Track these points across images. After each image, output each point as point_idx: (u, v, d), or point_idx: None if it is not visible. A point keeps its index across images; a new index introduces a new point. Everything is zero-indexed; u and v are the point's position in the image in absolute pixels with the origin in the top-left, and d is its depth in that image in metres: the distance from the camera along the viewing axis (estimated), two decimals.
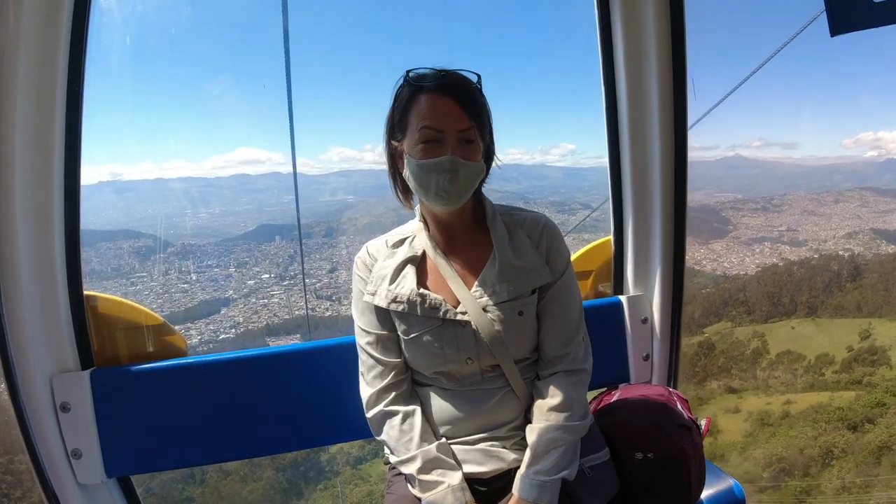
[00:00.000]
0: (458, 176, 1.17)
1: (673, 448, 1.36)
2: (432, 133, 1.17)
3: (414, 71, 1.21)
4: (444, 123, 1.16)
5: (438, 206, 1.24)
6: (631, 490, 1.35)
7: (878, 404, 15.69)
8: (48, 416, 1.49)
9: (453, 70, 1.21)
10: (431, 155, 1.17)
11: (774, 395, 18.82)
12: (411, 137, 1.20)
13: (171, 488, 12.44)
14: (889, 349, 19.87)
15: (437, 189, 1.18)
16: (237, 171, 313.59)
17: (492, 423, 1.27)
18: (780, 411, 17.56)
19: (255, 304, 21.23)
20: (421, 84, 1.19)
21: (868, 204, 33.13)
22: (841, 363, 19.99)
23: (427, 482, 1.21)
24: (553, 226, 1.33)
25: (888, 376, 18.45)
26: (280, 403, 1.63)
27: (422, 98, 1.18)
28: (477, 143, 1.20)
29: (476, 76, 1.23)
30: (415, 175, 1.20)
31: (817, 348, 20.98)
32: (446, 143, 1.17)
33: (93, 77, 1.51)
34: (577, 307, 1.33)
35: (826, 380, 19.45)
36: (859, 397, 16.85)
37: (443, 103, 1.17)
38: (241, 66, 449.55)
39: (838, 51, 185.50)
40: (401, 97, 1.22)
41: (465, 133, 1.18)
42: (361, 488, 13.34)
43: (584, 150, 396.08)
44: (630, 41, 1.80)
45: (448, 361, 1.25)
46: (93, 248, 19.81)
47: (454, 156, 1.16)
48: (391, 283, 1.27)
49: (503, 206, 1.37)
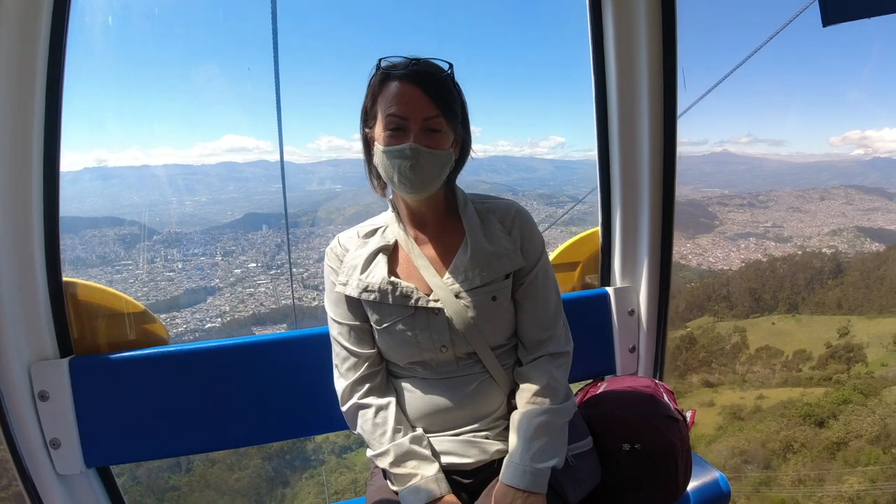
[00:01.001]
0: (420, 163, 1.17)
1: (661, 440, 1.37)
2: (397, 120, 1.17)
3: (386, 59, 1.21)
4: (408, 111, 1.16)
5: (405, 194, 1.23)
6: (618, 481, 1.36)
7: (845, 401, 16.20)
8: (26, 405, 1.46)
9: (425, 59, 1.20)
10: (395, 142, 1.17)
11: (749, 389, 19.29)
12: (379, 124, 1.20)
13: (156, 477, 12.44)
14: (867, 346, 20.34)
15: (401, 176, 1.18)
16: (224, 158, 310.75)
17: (473, 412, 1.26)
18: (752, 406, 18.05)
19: (241, 293, 21.17)
20: (390, 72, 1.19)
21: (853, 202, 33.65)
22: (818, 359, 20.46)
23: (401, 475, 1.20)
24: (525, 213, 1.33)
25: (863, 373, 18.91)
26: (264, 393, 1.61)
27: (391, 85, 1.18)
28: (445, 132, 1.20)
29: (448, 65, 1.22)
30: (381, 162, 1.20)
31: (796, 344, 21.45)
32: (409, 131, 1.17)
33: (75, 59, 1.47)
34: (555, 291, 1.33)
35: (800, 376, 19.98)
36: (828, 394, 17.33)
37: (409, 91, 1.16)
38: (228, 48, 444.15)
39: (828, 48, 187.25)
40: (372, 84, 1.22)
41: (431, 122, 1.17)
42: (346, 476, 13.49)
43: (573, 143, 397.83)
44: (621, 31, 1.79)
45: (422, 350, 1.24)
46: (77, 235, 19.61)
47: (416, 143, 1.16)
48: (362, 272, 1.27)
49: (475, 194, 1.36)
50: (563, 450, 1.22)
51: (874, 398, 16.23)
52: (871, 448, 14.29)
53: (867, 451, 14.24)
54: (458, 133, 1.24)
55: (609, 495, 1.36)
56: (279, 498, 13.76)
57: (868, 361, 19.81)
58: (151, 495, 12.26)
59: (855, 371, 19.41)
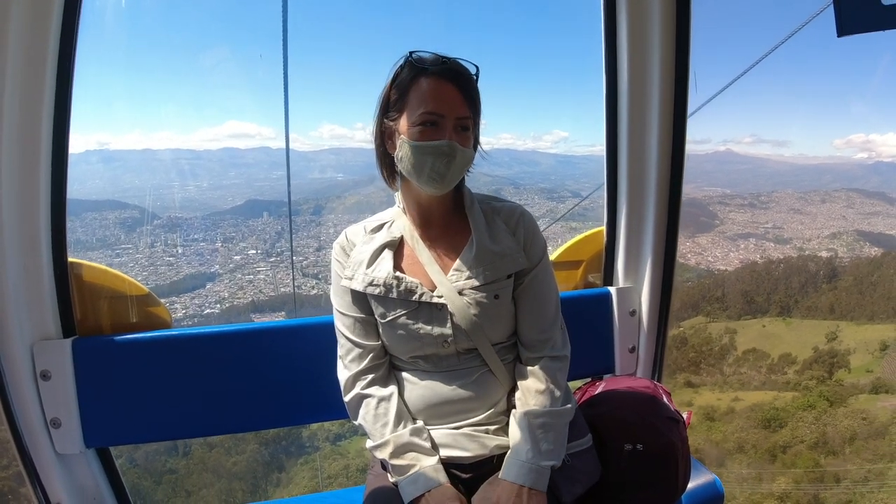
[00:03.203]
0: (454, 161, 1.18)
1: (662, 441, 1.37)
2: (433, 117, 1.17)
3: (416, 53, 1.21)
4: (445, 108, 1.17)
5: (430, 189, 1.23)
6: (618, 481, 1.36)
7: (808, 406, 16.88)
8: (28, 384, 1.46)
9: (453, 58, 1.21)
10: (429, 138, 1.17)
11: (728, 391, 19.75)
12: (409, 118, 1.19)
13: (154, 460, 12.55)
14: (853, 352, 20.61)
15: (432, 172, 1.18)
16: (226, 144, 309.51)
17: (473, 406, 1.27)
18: (726, 407, 18.46)
19: (240, 279, 21.18)
20: (424, 66, 1.19)
21: (854, 205, 33.59)
22: (802, 364, 20.74)
23: (400, 466, 1.21)
24: (529, 215, 1.34)
25: (843, 379, 19.28)
26: (263, 380, 1.62)
27: (423, 81, 1.18)
28: (471, 132, 1.22)
29: (475, 67, 1.23)
30: (408, 157, 1.19)
31: (785, 347, 21.65)
32: (445, 128, 1.17)
33: (83, 39, 1.46)
34: (554, 294, 1.34)
35: (777, 379, 20.40)
36: (795, 399, 17.93)
37: (445, 88, 1.17)
38: (237, 33, 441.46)
39: (836, 51, 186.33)
40: (401, 77, 1.22)
41: (463, 120, 1.19)
42: (339, 462, 13.67)
43: (576, 138, 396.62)
44: (634, 29, 1.78)
45: (424, 344, 1.25)
46: (78, 217, 19.59)
47: (452, 141, 1.17)
48: (368, 266, 1.28)
49: (481, 195, 1.38)
50: (562, 450, 1.23)
51: (840, 406, 16.96)
52: (809, 452, 15.34)
53: (805, 455, 15.24)
54: (475, 134, 1.25)
55: (608, 495, 1.36)
56: (275, 482, 13.97)
57: (851, 367, 20.14)
58: (149, 477, 12.38)
59: (837, 377, 19.80)
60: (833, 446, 15.50)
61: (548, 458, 1.18)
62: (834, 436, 15.71)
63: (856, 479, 14.52)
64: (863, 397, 17.55)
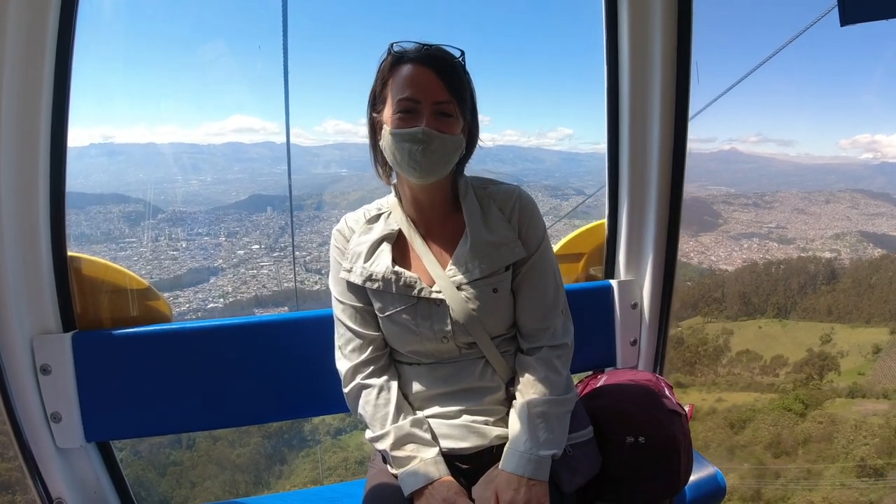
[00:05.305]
0: (431, 147, 1.16)
1: (665, 433, 1.37)
2: (408, 103, 1.16)
3: (398, 43, 1.20)
4: (420, 93, 1.16)
5: (412, 178, 1.22)
6: (620, 473, 1.36)
7: (784, 408, 17.19)
8: (28, 378, 1.47)
9: (437, 45, 1.20)
10: (406, 125, 1.16)
11: (714, 392, 19.90)
12: (389, 107, 1.19)
13: (158, 452, 12.67)
14: (846, 355, 20.65)
15: (410, 160, 1.17)
16: (231, 138, 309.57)
17: (472, 397, 1.27)
18: (707, 408, 18.56)
19: (244, 274, 21.18)
20: (402, 55, 1.19)
21: (858, 206, 33.38)
22: (793, 365, 20.82)
23: (400, 458, 1.21)
24: (527, 198, 1.31)
25: (837, 382, 19.41)
26: (263, 373, 1.62)
27: (402, 69, 1.18)
28: (456, 117, 1.19)
29: (460, 52, 1.22)
30: (390, 145, 1.19)
31: (779, 349, 21.65)
32: (422, 114, 1.16)
33: (84, 32, 1.46)
34: (554, 281, 1.32)
35: (761, 381, 20.52)
36: (772, 401, 18.12)
37: (422, 73, 1.16)
38: (239, 26, 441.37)
39: (842, 49, 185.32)
40: (382, 68, 1.22)
41: (442, 105, 1.17)
42: (338, 455, 13.84)
43: (581, 136, 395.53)
44: (636, 23, 1.77)
45: (424, 340, 1.25)
46: (82, 211, 19.62)
47: (428, 127, 1.15)
48: (366, 260, 1.27)
49: (477, 178, 1.36)
50: (563, 440, 1.23)
51: (814, 408, 17.27)
52: (762, 452, 16.02)
53: (757, 454, 16.08)
54: (466, 121, 1.23)
55: (610, 486, 1.36)
56: (277, 474, 14.18)
57: (841, 371, 20.17)
58: (153, 470, 12.50)
59: (827, 379, 19.92)
60: (785, 447, 16.01)
61: (546, 447, 1.18)
62: (788, 438, 16.24)
63: (796, 477, 15.22)
64: (839, 401, 17.72)
